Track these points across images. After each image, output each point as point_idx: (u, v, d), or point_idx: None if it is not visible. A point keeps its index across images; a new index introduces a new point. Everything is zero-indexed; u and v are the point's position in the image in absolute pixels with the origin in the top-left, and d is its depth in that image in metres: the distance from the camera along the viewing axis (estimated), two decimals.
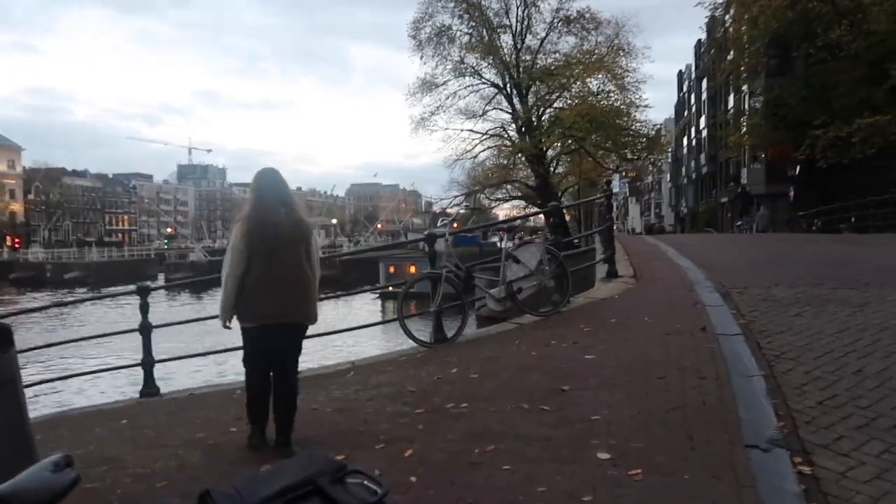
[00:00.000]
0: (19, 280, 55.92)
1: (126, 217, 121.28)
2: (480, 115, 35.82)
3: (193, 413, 5.10)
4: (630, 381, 4.15)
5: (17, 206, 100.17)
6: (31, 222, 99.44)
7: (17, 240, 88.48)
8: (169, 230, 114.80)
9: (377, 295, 38.92)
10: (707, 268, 8.49)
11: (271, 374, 3.97)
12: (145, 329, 6.06)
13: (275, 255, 3.82)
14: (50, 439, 4.99)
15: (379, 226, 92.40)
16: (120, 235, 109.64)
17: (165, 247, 78.25)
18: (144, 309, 6.06)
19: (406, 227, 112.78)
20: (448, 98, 34.83)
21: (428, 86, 34.79)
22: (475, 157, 36.87)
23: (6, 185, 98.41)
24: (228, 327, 3.97)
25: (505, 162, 35.76)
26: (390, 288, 38.45)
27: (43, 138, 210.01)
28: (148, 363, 6.06)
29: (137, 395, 6.06)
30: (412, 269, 39.80)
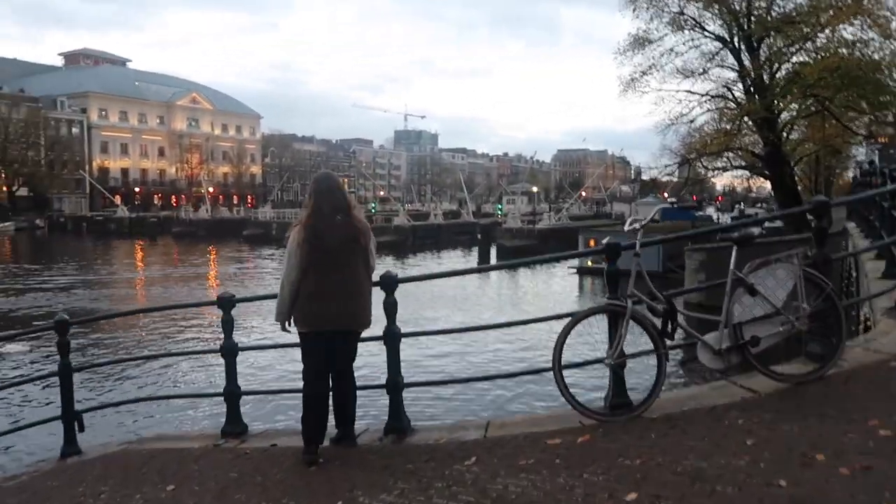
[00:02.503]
0: (250, 237, 61.72)
1: (345, 180, 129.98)
2: (700, 74, 31.43)
3: (250, 488, 3.62)
4: None
5: (256, 169, 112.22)
6: (266, 183, 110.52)
7: (249, 199, 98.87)
8: (380, 193, 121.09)
9: (574, 270, 36.59)
10: None
11: (330, 379, 4.13)
12: (229, 352, 4.72)
13: (330, 263, 3.91)
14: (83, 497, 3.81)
15: (583, 194, 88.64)
16: None
17: (373, 210, 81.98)
18: (228, 327, 4.70)
19: (613, 194, 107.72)
20: (663, 55, 30.86)
21: (640, 42, 31.09)
22: (692, 121, 32.71)
23: (248, 150, 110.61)
24: (288, 330, 4.07)
25: (728, 127, 31.13)
26: (590, 263, 36.24)
27: (280, 107, 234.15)
28: (232, 394, 4.74)
29: (219, 433, 4.77)
30: None
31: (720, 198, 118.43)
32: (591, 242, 37.77)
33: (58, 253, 50.66)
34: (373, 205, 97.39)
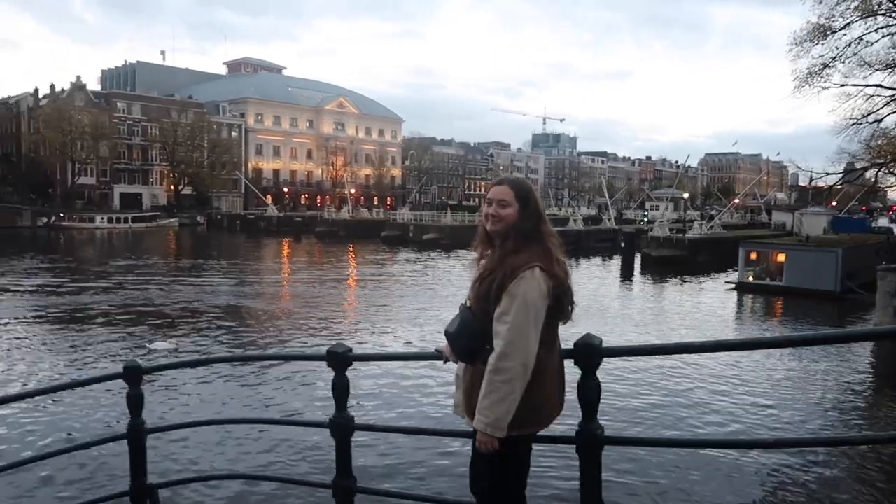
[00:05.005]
0: (388, 238, 62.45)
1: (482, 183, 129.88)
2: (894, 67, 27.41)
3: None
4: None
5: (396, 171, 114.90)
6: (405, 185, 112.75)
7: (388, 200, 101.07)
8: None
9: (732, 286, 32.98)
10: None
11: None
12: (340, 429, 3.37)
13: (557, 330, 2.67)
14: None
15: (736, 201, 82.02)
16: (476, 200, 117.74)
17: None
18: (340, 394, 3.35)
19: (768, 203, 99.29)
20: (850, 45, 27.11)
21: (822, 31, 27.43)
22: (879, 120, 28.65)
23: (389, 153, 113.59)
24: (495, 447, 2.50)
25: None
26: (750, 278, 32.51)
27: (420, 111, 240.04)
28: (343, 488, 3.38)
29: None
30: (780, 258, 32.66)
31: (894, 207, 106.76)
32: (753, 254, 34.02)
33: (213, 248, 53.79)
34: None
